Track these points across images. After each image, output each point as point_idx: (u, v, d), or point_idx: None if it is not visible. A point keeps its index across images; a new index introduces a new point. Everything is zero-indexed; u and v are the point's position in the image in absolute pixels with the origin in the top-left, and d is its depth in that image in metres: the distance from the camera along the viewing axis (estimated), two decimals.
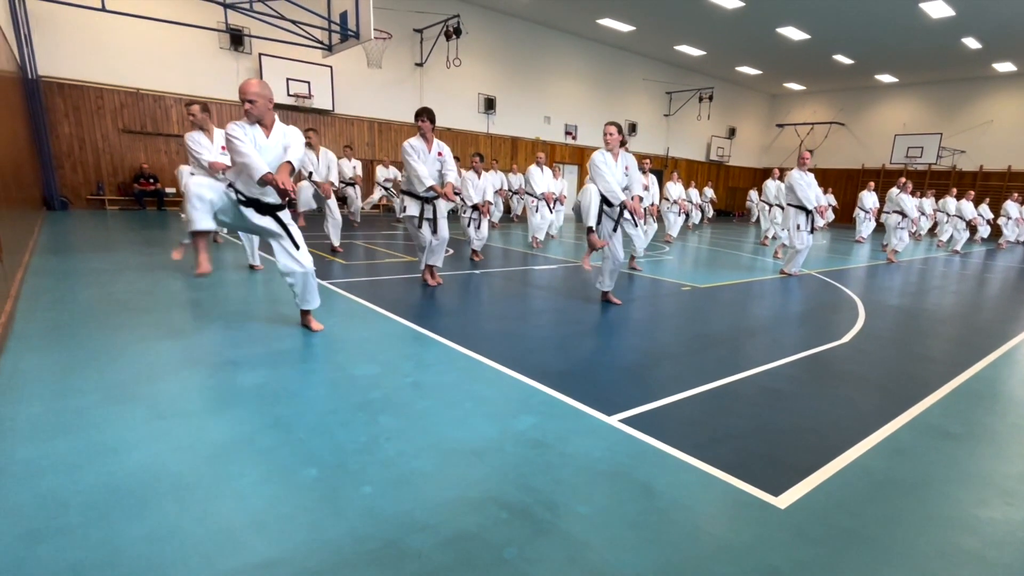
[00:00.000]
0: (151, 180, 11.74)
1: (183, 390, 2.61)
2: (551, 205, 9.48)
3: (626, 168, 4.74)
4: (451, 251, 7.86)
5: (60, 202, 10.70)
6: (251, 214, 3.45)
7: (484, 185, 7.33)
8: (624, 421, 2.48)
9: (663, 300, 5.39)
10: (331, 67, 13.20)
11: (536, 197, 9.20)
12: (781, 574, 1.55)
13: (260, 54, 12.40)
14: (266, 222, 3.51)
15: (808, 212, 7.13)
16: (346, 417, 2.40)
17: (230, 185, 3.40)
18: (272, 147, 3.35)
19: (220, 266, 5.84)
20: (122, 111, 11.37)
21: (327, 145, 13.91)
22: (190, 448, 2.07)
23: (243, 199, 3.41)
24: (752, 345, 3.96)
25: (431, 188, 4.97)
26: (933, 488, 2.07)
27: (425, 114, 4.93)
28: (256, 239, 5.67)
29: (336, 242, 7.16)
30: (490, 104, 16.72)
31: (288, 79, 12.87)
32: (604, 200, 4.70)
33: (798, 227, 7.14)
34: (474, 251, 7.29)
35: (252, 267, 5.72)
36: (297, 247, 3.56)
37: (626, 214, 4.80)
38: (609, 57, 19.45)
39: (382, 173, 12.65)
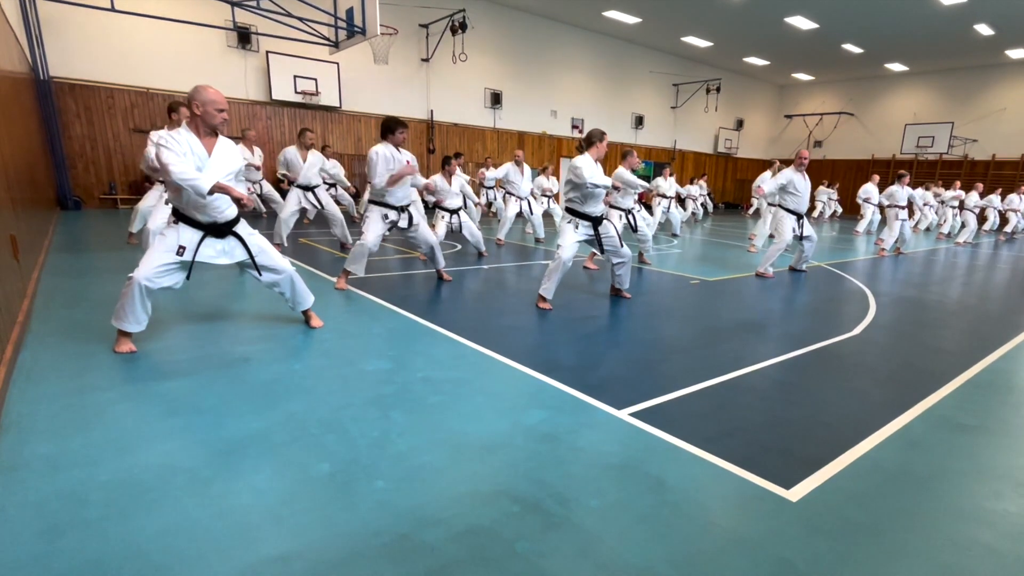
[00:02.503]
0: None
1: (197, 386, 2.65)
2: (520, 203, 9.14)
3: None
4: (458, 246, 7.87)
5: (73, 202, 10.83)
6: (225, 251, 3.22)
7: (457, 188, 7.12)
8: (634, 415, 2.49)
9: (672, 294, 5.38)
10: (338, 64, 13.22)
11: (517, 195, 8.97)
12: (793, 567, 1.55)
13: (267, 52, 12.44)
14: (231, 248, 3.25)
15: (799, 216, 6.60)
16: (358, 412, 2.42)
17: (176, 216, 3.11)
18: (221, 162, 3.06)
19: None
20: (132, 111, 11.46)
21: (334, 143, 13.96)
22: (205, 443, 2.10)
23: (205, 231, 3.13)
24: (762, 338, 3.94)
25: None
26: (946, 481, 2.06)
27: (401, 126, 4.66)
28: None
29: (348, 240, 7.20)
30: (496, 99, 16.67)
31: (295, 76, 12.90)
32: (576, 212, 4.53)
33: (792, 230, 6.57)
34: (478, 250, 7.27)
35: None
36: (261, 264, 3.37)
37: (605, 229, 4.59)
38: (615, 50, 19.32)
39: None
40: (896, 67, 21.14)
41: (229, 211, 3.20)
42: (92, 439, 2.10)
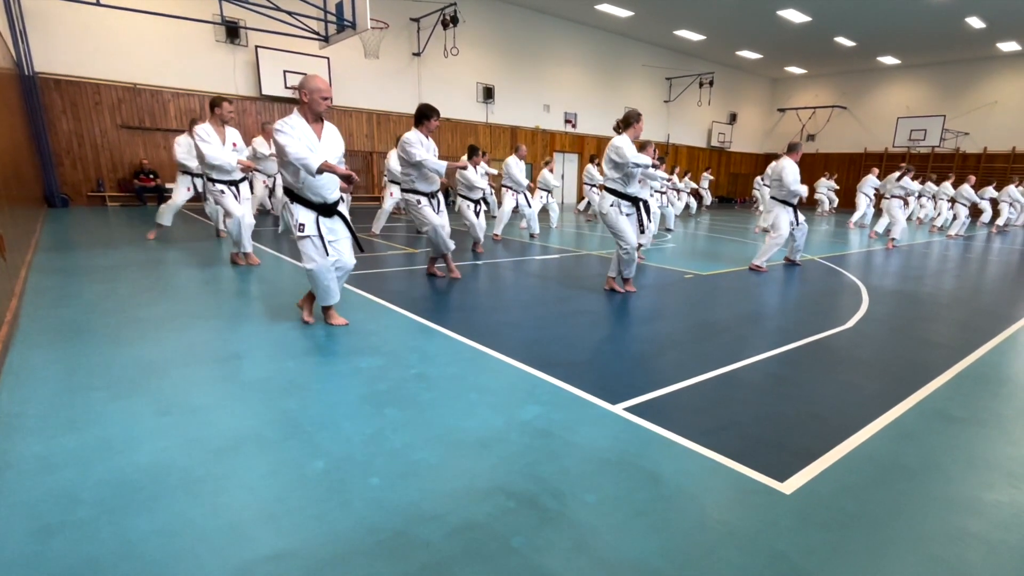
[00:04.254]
0: (151, 176, 11.73)
1: (189, 385, 2.63)
2: (529, 197, 9.13)
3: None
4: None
5: (61, 199, 10.71)
6: (331, 229, 3.45)
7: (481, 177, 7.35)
8: (629, 410, 2.49)
9: (666, 288, 5.39)
10: (328, 58, 13.12)
11: (515, 189, 8.94)
12: (788, 559, 1.56)
13: (256, 46, 12.32)
14: (334, 226, 3.50)
15: (795, 207, 6.60)
16: (352, 409, 2.41)
17: (291, 198, 3.38)
18: (328, 144, 3.38)
19: (217, 261, 5.84)
20: (120, 106, 11.32)
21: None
22: (198, 442, 2.08)
23: (317, 210, 3.40)
24: (756, 332, 3.95)
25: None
26: (938, 472, 2.07)
27: (436, 114, 4.87)
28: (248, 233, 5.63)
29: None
30: (489, 93, 16.61)
31: (285, 71, 12.80)
32: (618, 193, 4.71)
33: (790, 223, 6.58)
34: (476, 242, 7.27)
35: (235, 263, 5.67)
36: (357, 242, 3.68)
37: (643, 213, 4.86)
38: (608, 43, 19.28)
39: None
40: (888, 60, 21.24)
41: (336, 192, 3.47)
42: (83, 439, 2.08)
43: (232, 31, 12.02)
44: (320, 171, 3.15)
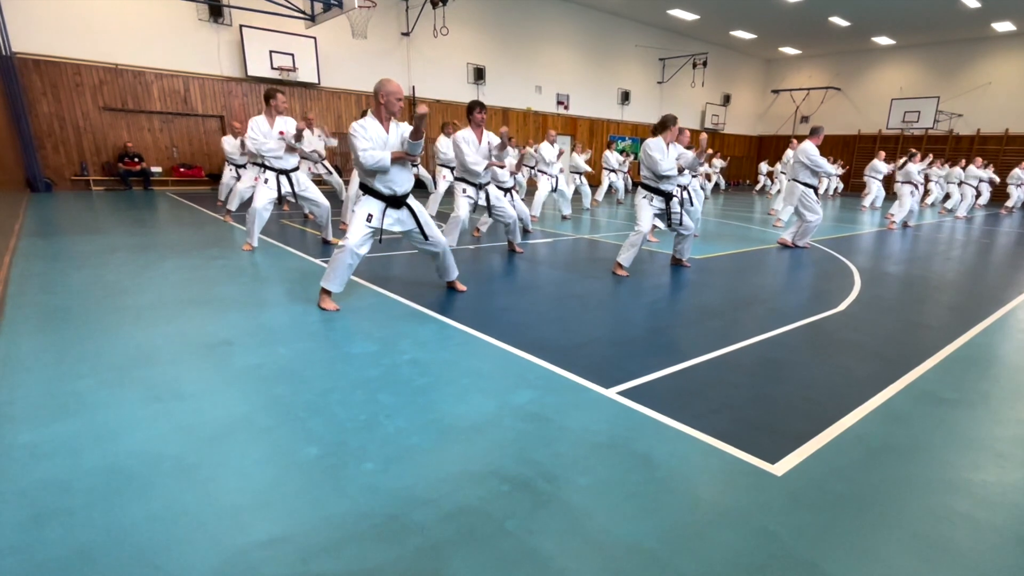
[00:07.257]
0: (136, 159, 11.52)
1: (180, 371, 2.60)
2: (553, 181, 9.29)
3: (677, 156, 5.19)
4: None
5: (44, 183, 10.50)
6: (391, 223, 3.68)
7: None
8: (622, 393, 2.50)
9: (659, 272, 5.39)
10: (315, 38, 12.84)
11: (549, 174, 9.12)
12: (778, 539, 1.58)
13: (241, 25, 12.02)
14: (405, 218, 3.75)
15: (815, 188, 7.04)
16: (345, 395, 2.41)
17: (364, 191, 3.64)
18: (394, 141, 3.60)
19: (209, 246, 5.77)
20: (102, 88, 11.06)
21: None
22: (190, 429, 2.07)
23: (386, 202, 3.65)
24: (748, 315, 3.97)
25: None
26: (927, 453, 2.10)
27: (478, 107, 5.32)
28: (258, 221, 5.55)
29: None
30: (479, 74, 16.36)
31: (271, 51, 12.52)
32: (651, 188, 5.07)
33: (815, 201, 6.98)
34: (477, 228, 7.23)
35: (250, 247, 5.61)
36: (429, 233, 3.86)
37: (674, 205, 5.18)
38: (601, 23, 19.00)
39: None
40: (883, 41, 21.10)
41: (405, 185, 3.70)
42: (74, 427, 2.06)
43: (215, 9, 11.72)
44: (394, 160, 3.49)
